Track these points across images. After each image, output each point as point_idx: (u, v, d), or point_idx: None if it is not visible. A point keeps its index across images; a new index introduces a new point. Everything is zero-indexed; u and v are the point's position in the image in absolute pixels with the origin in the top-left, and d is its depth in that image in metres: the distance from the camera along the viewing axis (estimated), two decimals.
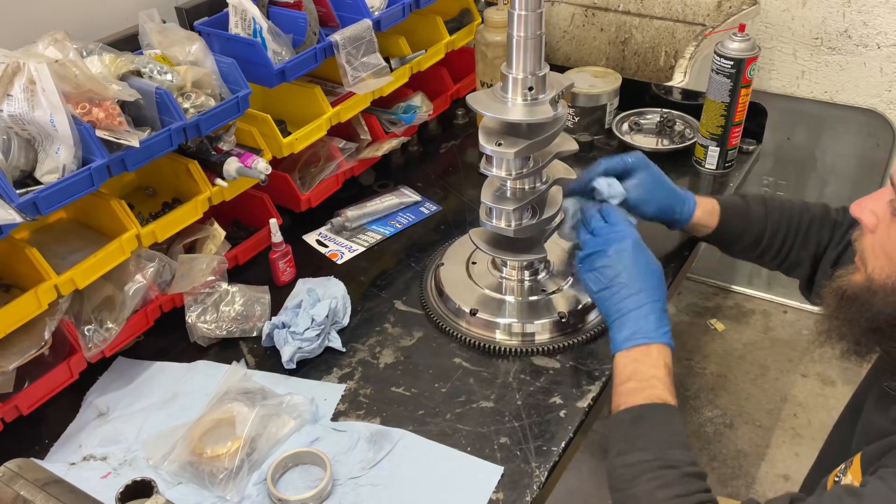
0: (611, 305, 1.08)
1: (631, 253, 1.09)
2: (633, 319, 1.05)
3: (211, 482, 1.03)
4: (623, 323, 1.05)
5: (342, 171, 1.52)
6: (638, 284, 1.07)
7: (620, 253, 1.09)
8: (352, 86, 1.44)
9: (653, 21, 1.80)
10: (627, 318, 1.05)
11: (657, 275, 1.09)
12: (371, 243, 1.49)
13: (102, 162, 1.07)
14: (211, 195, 1.29)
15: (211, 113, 1.20)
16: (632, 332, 1.04)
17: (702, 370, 2.53)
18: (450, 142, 1.81)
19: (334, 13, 1.43)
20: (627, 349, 1.04)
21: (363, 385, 1.19)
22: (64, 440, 1.13)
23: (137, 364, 1.24)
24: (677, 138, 1.72)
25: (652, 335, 1.03)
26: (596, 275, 1.10)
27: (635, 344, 1.03)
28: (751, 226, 1.29)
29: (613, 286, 1.08)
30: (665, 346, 1.04)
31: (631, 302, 1.06)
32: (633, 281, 1.07)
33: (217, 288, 1.28)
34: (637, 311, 1.05)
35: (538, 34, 1.06)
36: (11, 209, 0.99)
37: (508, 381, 1.18)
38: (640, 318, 1.05)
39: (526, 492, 1.01)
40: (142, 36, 1.28)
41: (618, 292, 1.07)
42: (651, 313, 1.05)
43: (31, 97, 1.01)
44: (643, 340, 1.03)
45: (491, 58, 1.65)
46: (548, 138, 1.13)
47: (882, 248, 0.91)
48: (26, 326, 1.09)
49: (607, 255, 1.10)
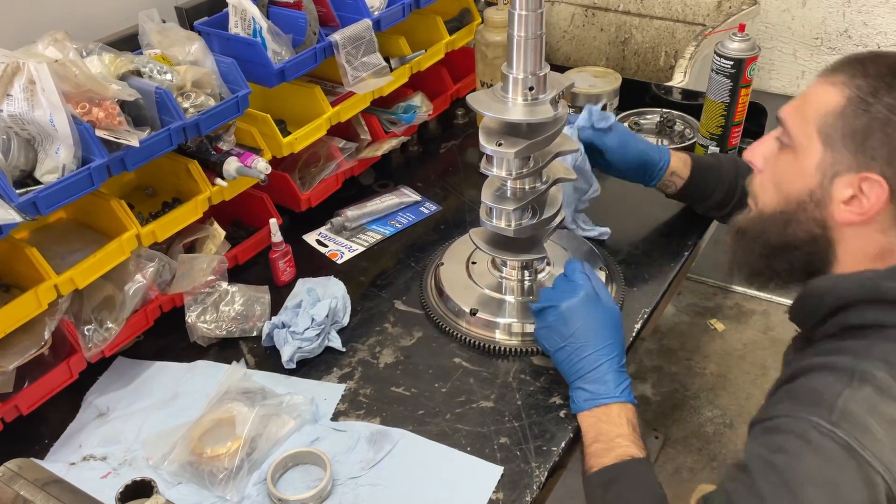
0: (568, 367, 1.09)
1: (583, 309, 1.09)
2: (591, 381, 1.06)
3: (211, 482, 1.03)
4: (581, 385, 1.07)
5: (342, 170, 1.52)
6: (593, 343, 1.08)
7: (572, 310, 1.10)
8: (352, 86, 1.44)
9: (653, 21, 1.80)
10: (585, 380, 1.07)
11: (613, 326, 1.10)
12: (371, 243, 1.49)
13: (102, 162, 1.07)
14: (211, 195, 1.29)
15: (211, 113, 1.20)
16: (591, 395, 1.06)
17: (702, 370, 2.53)
18: (450, 142, 1.81)
19: (334, 13, 1.43)
20: (589, 410, 1.05)
21: (363, 385, 1.19)
22: (64, 440, 1.13)
23: (137, 364, 1.24)
24: (677, 138, 1.71)
25: (611, 395, 1.05)
26: (549, 332, 1.12)
27: (595, 405, 1.05)
28: (721, 182, 1.36)
29: (568, 346, 1.09)
30: (625, 404, 1.05)
31: (587, 363, 1.07)
32: (587, 340, 1.08)
33: (217, 288, 1.28)
34: (594, 371, 1.07)
35: (538, 34, 1.06)
36: (11, 209, 0.99)
37: (508, 381, 1.18)
38: (598, 379, 1.06)
39: (526, 492, 1.01)
40: (141, 36, 1.28)
41: (573, 353, 1.08)
42: (608, 373, 1.06)
43: (30, 97, 1.01)
44: (603, 401, 1.05)
45: (491, 58, 1.65)
46: (548, 138, 1.13)
47: (770, 180, 1.00)
48: (26, 326, 1.09)
49: (559, 311, 1.10)
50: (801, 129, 0.94)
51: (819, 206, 0.94)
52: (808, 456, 0.80)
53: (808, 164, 0.94)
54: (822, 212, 0.94)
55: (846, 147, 0.90)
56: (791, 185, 0.96)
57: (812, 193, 0.94)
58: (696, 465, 2.24)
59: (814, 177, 0.93)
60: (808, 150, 0.93)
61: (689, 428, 2.35)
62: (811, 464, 0.80)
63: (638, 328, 1.25)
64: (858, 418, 0.80)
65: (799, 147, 0.95)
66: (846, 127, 0.90)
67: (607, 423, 1.03)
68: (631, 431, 1.03)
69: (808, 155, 0.94)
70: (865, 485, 0.77)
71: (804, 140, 0.94)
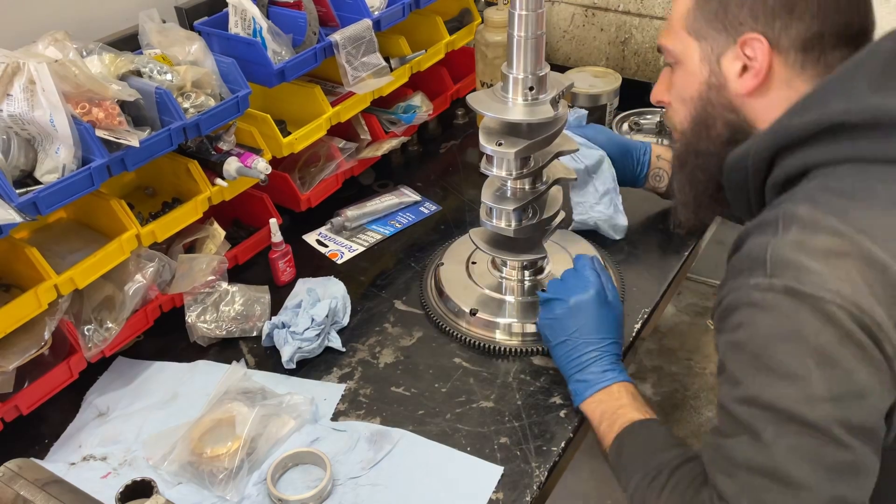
0: (566, 361, 1.10)
1: (592, 307, 1.11)
2: (591, 372, 1.08)
3: (211, 482, 1.03)
4: (582, 376, 1.08)
5: (342, 170, 1.52)
6: (595, 340, 1.09)
7: (580, 306, 1.11)
8: (352, 86, 1.44)
9: (653, 21, 1.80)
10: (585, 372, 1.08)
11: (616, 325, 1.12)
12: (371, 243, 1.49)
13: (102, 162, 1.07)
14: (211, 195, 1.29)
15: (211, 113, 1.20)
16: (588, 383, 1.07)
17: (702, 370, 2.53)
18: (450, 142, 1.81)
19: (334, 13, 1.43)
20: (590, 396, 1.06)
21: (363, 385, 1.19)
22: (64, 440, 1.13)
23: (137, 364, 1.24)
24: None
25: (608, 378, 1.07)
26: (554, 324, 1.13)
27: (595, 391, 1.06)
28: None
29: (570, 341, 1.10)
30: (622, 382, 1.06)
31: (588, 356, 1.09)
32: (590, 336, 1.09)
33: (217, 288, 1.28)
34: (595, 363, 1.08)
35: (538, 34, 1.06)
36: (11, 209, 0.99)
37: (508, 381, 1.18)
38: (598, 370, 1.08)
39: (526, 492, 1.02)
40: (142, 36, 1.28)
41: (574, 348, 1.10)
42: (608, 365, 1.08)
43: (30, 97, 1.01)
44: (601, 385, 1.06)
45: (491, 58, 1.65)
46: (548, 138, 1.13)
47: (677, 100, 1.03)
48: (26, 326, 1.09)
49: (567, 305, 1.12)
50: (675, 41, 0.99)
51: (721, 91, 0.96)
52: (759, 318, 0.78)
53: (693, 64, 0.98)
54: (725, 95, 0.96)
55: (715, 29, 0.94)
56: (690, 89, 0.99)
57: (709, 84, 0.97)
58: None
59: (703, 70, 0.97)
60: (688, 52, 0.98)
61: (689, 428, 2.35)
62: (765, 324, 0.78)
63: (638, 328, 1.25)
64: (791, 261, 0.78)
65: (681, 56, 0.99)
66: (706, 12, 0.95)
67: (608, 402, 1.05)
68: (631, 401, 1.04)
69: (690, 56, 0.98)
70: (824, 321, 0.75)
71: (681, 47, 0.98)
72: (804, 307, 0.76)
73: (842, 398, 0.75)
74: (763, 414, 0.77)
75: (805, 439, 0.75)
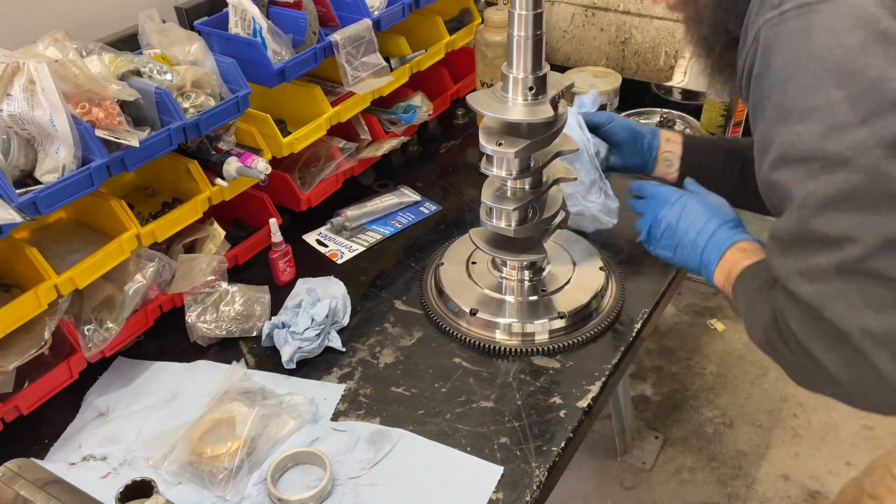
0: (686, 258, 1.12)
1: (677, 210, 1.13)
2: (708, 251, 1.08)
3: (211, 482, 1.03)
4: (708, 258, 1.08)
5: (342, 170, 1.52)
6: (696, 228, 1.10)
7: (665, 217, 1.14)
8: (352, 85, 1.44)
9: (653, 21, 1.80)
10: (705, 254, 1.08)
11: (713, 208, 1.12)
12: (371, 243, 1.49)
13: (102, 162, 1.07)
14: (211, 195, 1.29)
15: (211, 113, 1.20)
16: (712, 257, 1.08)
17: (702, 370, 2.53)
18: (450, 142, 1.81)
19: (334, 13, 1.43)
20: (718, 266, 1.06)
21: (363, 385, 1.19)
22: (64, 440, 1.13)
23: (137, 364, 1.24)
24: None
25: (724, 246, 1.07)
26: (662, 244, 1.16)
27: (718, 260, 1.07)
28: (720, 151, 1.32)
29: (680, 246, 1.12)
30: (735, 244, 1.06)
31: (700, 241, 1.09)
32: (690, 230, 1.10)
33: (217, 288, 1.28)
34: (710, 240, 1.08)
35: (538, 34, 1.06)
36: (11, 209, 0.99)
37: (508, 381, 1.18)
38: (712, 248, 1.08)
39: (526, 492, 1.01)
40: (141, 36, 1.28)
41: (684, 247, 1.12)
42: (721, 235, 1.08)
43: (30, 97, 1.01)
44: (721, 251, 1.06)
45: (491, 58, 1.65)
46: (548, 138, 1.13)
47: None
48: (26, 326, 1.09)
49: (659, 224, 1.15)
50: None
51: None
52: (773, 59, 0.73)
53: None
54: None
55: None
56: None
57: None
58: (696, 465, 2.24)
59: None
60: None
61: (689, 428, 2.35)
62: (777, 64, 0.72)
63: (638, 328, 1.25)
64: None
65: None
66: None
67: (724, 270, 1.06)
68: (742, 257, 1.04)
69: None
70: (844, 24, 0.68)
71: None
72: (817, 17, 0.69)
73: (872, 115, 0.67)
74: (794, 172, 0.71)
75: (837, 179, 0.68)
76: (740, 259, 1.04)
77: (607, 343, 1.24)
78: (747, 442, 2.30)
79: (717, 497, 2.16)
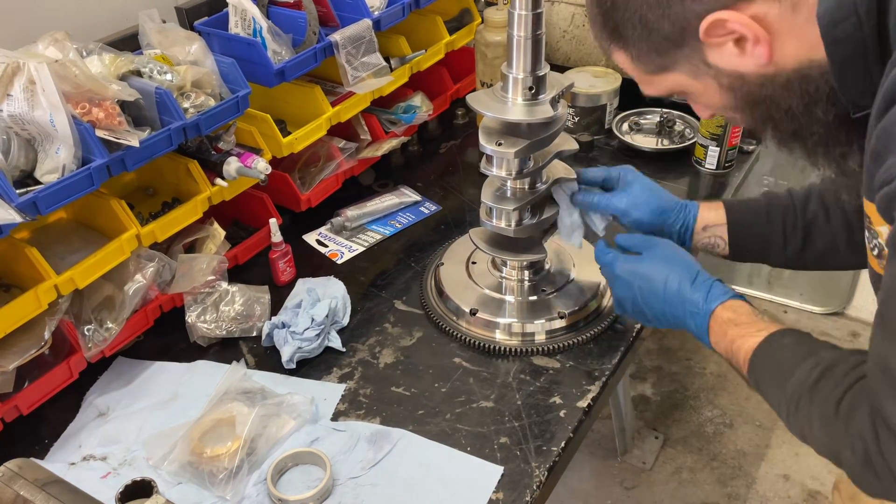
0: (664, 319, 1.05)
1: (632, 282, 1.07)
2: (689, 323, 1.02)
3: (211, 482, 1.03)
4: (694, 330, 1.02)
5: (342, 170, 1.52)
6: (658, 299, 1.04)
7: (624, 295, 1.09)
8: (352, 86, 1.44)
9: None
10: (688, 325, 1.02)
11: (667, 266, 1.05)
12: (371, 243, 1.49)
13: (102, 162, 1.07)
14: (211, 195, 1.29)
15: (211, 113, 1.20)
16: (697, 329, 1.01)
17: (702, 370, 2.53)
18: (450, 142, 1.81)
19: (334, 13, 1.43)
20: (709, 332, 1.00)
21: (363, 385, 1.19)
22: (64, 440, 1.13)
23: (137, 364, 1.24)
24: (677, 138, 1.72)
25: (706, 305, 1.00)
26: (641, 317, 1.10)
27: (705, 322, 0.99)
28: (775, 218, 1.16)
29: (657, 320, 1.07)
30: (724, 304, 0.99)
31: (672, 312, 1.03)
32: (653, 303, 1.05)
33: (217, 288, 1.28)
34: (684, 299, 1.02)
35: (538, 34, 1.06)
36: (11, 209, 0.99)
37: (508, 381, 1.18)
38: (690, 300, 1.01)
39: (526, 492, 1.01)
40: (142, 36, 1.28)
41: (661, 320, 1.06)
42: (691, 290, 1.01)
43: (30, 97, 1.01)
44: (702, 317, 1.00)
45: (491, 58, 1.65)
46: (548, 138, 1.13)
47: (722, 110, 0.91)
48: (26, 326, 1.09)
49: (623, 304, 1.10)
50: (657, 87, 0.91)
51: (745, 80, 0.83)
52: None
53: (696, 86, 0.88)
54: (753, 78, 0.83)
55: (669, 50, 0.84)
56: (722, 100, 0.88)
57: (729, 87, 0.85)
58: (696, 465, 2.24)
59: (708, 84, 0.86)
60: (678, 83, 0.88)
61: (689, 428, 2.35)
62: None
63: (638, 328, 1.25)
64: None
65: (677, 90, 0.90)
66: (649, 48, 0.85)
67: (718, 334, 0.98)
68: (741, 320, 0.97)
69: (684, 84, 0.88)
70: None
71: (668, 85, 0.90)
72: None
73: None
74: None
75: None
76: (737, 335, 0.96)
77: (607, 343, 1.24)
78: (747, 442, 2.30)
79: (717, 497, 2.16)
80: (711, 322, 1.00)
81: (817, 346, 0.89)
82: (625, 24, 0.84)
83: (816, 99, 0.81)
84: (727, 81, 0.85)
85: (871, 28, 0.72)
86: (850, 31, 0.73)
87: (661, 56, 0.85)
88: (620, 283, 1.10)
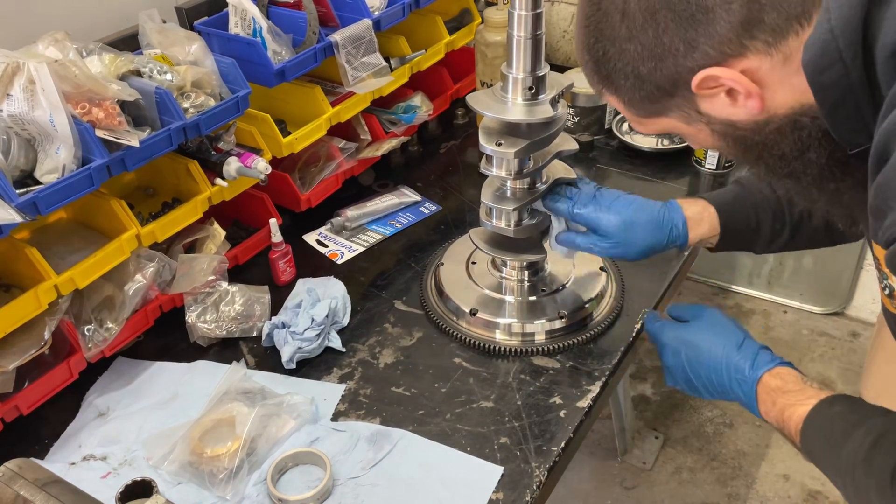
0: (712, 388, 1.05)
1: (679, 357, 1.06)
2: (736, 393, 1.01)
3: (211, 482, 1.03)
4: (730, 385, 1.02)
5: (342, 170, 1.52)
6: (707, 370, 1.03)
7: (675, 368, 1.08)
8: (352, 86, 1.44)
9: None
10: (735, 395, 1.02)
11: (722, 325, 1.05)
12: (371, 243, 1.49)
13: (102, 162, 1.07)
14: (211, 195, 1.29)
15: (211, 113, 1.20)
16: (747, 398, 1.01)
17: None
18: (450, 142, 1.81)
19: (334, 13, 1.43)
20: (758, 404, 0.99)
21: (363, 385, 1.19)
22: (64, 440, 1.13)
23: (137, 364, 1.24)
24: (677, 138, 1.71)
25: (750, 376, 1.00)
26: (690, 389, 1.09)
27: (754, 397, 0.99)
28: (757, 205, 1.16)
29: (706, 390, 1.06)
30: (770, 372, 0.98)
31: (720, 382, 1.03)
32: (703, 376, 1.04)
33: (217, 288, 1.28)
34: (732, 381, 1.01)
35: (538, 34, 1.06)
36: (11, 209, 0.99)
37: (508, 381, 1.18)
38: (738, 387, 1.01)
39: (526, 492, 1.01)
40: (142, 36, 1.28)
41: (710, 391, 1.05)
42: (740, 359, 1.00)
43: (30, 97, 1.01)
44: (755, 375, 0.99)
45: (491, 58, 1.65)
46: (548, 138, 1.13)
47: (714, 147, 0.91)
48: (26, 326, 1.09)
49: (674, 377, 1.09)
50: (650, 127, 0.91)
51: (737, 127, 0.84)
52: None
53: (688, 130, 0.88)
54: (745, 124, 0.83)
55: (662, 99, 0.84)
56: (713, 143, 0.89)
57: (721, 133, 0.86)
58: (696, 465, 2.24)
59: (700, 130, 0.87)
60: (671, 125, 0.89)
61: (689, 428, 2.35)
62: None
63: (638, 328, 1.25)
64: None
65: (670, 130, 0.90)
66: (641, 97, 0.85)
67: (768, 404, 0.98)
68: (788, 388, 0.96)
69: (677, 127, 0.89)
70: None
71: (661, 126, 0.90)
72: None
73: None
74: None
75: None
76: (786, 405, 0.95)
77: (607, 343, 1.24)
78: (747, 442, 2.30)
79: (717, 497, 2.16)
80: (759, 390, 0.99)
81: (867, 412, 0.89)
82: (616, 74, 0.84)
83: (808, 144, 0.81)
84: (720, 128, 0.85)
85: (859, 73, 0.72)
86: (835, 77, 0.72)
87: (653, 104, 0.85)
88: (669, 351, 1.09)
